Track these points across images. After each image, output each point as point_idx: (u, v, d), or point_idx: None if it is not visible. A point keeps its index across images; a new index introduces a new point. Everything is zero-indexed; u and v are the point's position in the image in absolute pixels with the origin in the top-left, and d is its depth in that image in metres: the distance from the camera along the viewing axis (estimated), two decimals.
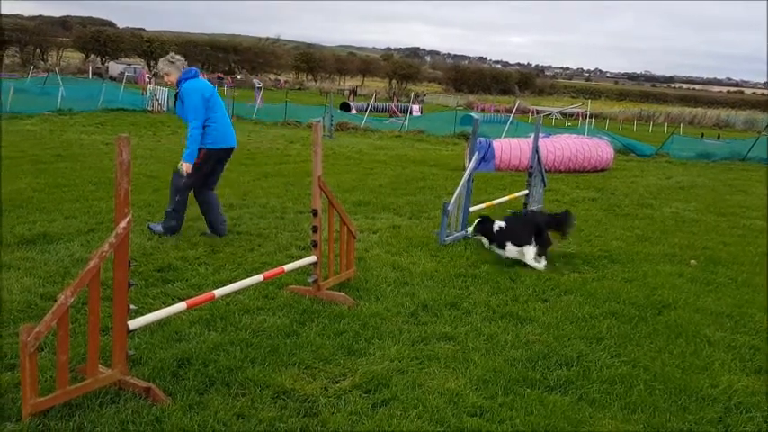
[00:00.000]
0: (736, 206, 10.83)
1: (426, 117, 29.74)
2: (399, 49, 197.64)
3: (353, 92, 58.71)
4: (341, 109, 31.53)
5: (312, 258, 5.05)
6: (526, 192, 8.69)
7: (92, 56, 71.21)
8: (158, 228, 6.56)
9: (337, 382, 3.73)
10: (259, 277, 4.61)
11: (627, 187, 12.37)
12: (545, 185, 9.18)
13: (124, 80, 33.82)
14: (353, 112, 31.71)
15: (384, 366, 3.93)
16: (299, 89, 66.74)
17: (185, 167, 6.30)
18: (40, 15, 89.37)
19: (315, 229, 4.99)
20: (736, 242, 8.00)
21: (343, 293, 5.05)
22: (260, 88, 35.09)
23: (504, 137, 18.01)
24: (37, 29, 70.04)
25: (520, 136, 17.77)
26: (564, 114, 43.75)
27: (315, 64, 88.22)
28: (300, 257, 5.42)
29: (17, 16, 77.66)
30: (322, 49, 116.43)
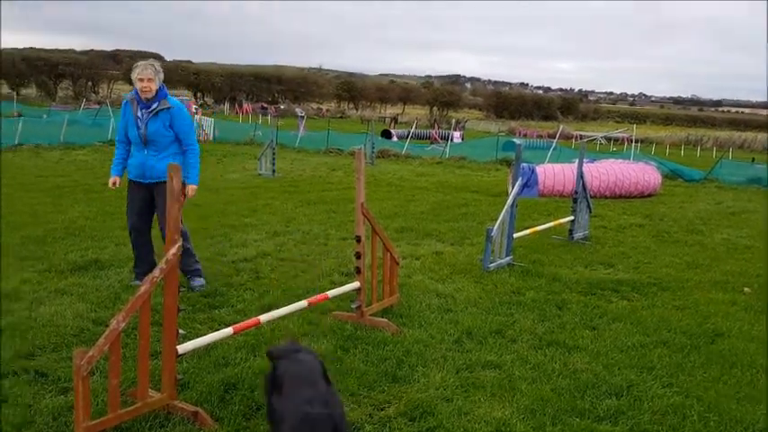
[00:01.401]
0: None
1: (468, 143, 29.73)
2: (440, 77, 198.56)
3: (394, 119, 59.10)
4: (382, 136, 31.74)
5: (355, 284, 5.06)
6: (571, 218, 8.58)
7: None
8: (199, 282, 5.81)
9: (382, 410, 3.71)
10: (303, 303, 4.64)
11: (675, 213, 12.10)
12: (591, 211, 9.05)
13: None
14: (395, 139, 31.88)
15: (429, 394, 3.90)
16: (341, 117, 67.48)
17: (194, 190, 5.59)
18: (92, 50, 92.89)
19: (358, 256, 5.01)
20: None
21: (386, 320, 5.04)
22: (303, 117, 35.63)
23: (548, 162, 17.86)
24: (89, 62, 72.61)
25: (563, 161, 17.60)
26: (609, 139, 43.20)
27: (356, 92, 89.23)
28: (343, 284, 5.43)
29: (70, 51, 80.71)
30: (363, 78, 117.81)
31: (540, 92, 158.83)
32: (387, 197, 12.25)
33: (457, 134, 33.84)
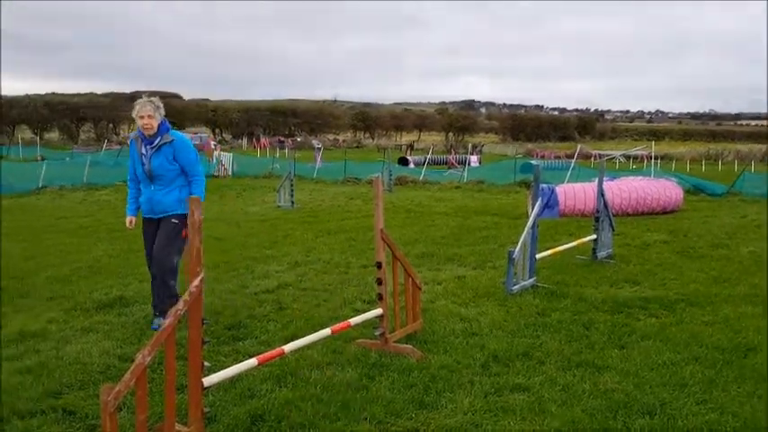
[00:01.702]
0: None
1: (485, 167, 29.75)
2: (454, 103, 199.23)
3: (411, 146, 59.36)
4: (399, 164, 31.88)
5: (378, 311, 5.03)
6: (594, 237, 8.50)
7: None
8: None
9: None
10: (327, 331, 4.62)
11: (700, 228, 11.94)
12: (614, 229, 8.96)
13: None
14: (411, 166, 32.02)
15: (457, 419, 3.84)
16: (357, 147, 67.97)
17: None
18: (113, 92, 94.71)
19: (379, 282, 5.00)
20: None
21: (410, 346, 4.99)
22: (319, 148, 35.94)
23: (567, 182, 17.79)
24: (110, 105, 74.06)
25: (583, 181, 17.52)
26: (628, 157, 42.98)
27: (371, 122, 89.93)
28: (366, 311, 5.41)
29: (91, 94, 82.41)
30: (378, 108, 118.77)
31: (556, 113, 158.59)
32: (406, 223, 12.25)
33: (474, 158, 33.88)
